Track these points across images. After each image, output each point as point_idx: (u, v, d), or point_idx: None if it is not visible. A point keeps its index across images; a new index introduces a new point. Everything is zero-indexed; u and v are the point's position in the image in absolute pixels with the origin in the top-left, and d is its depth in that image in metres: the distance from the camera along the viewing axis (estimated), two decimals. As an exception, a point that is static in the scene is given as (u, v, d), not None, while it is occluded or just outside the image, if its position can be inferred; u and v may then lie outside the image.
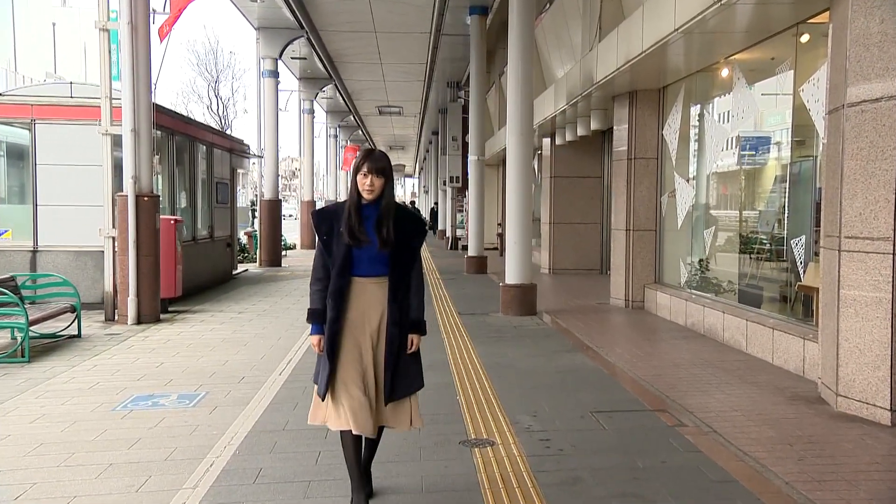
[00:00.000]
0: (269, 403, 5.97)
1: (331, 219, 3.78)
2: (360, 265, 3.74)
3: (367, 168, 3.73)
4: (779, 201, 8.25)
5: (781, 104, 8.21)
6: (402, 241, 3.77)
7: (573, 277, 16.22)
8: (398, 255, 3.76)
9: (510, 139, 10.95)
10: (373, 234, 3.72)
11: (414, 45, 21.87)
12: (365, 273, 3.75)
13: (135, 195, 10.09)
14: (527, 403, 5.93)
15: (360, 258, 3.73)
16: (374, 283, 3.77)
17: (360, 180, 3.74)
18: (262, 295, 13.72)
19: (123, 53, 9.97)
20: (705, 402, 6.01)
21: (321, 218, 3.81)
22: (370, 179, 3.72)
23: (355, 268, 3.74)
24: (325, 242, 3.76)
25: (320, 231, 3.78)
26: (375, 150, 3.83)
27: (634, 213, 11.38)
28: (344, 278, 3.72)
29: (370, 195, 3.73)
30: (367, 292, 3.76)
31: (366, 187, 3.72)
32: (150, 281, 10.25)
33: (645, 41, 8.83)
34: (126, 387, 6.66)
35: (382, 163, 3.77)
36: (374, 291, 3.77)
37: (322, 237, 3.77)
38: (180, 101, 61.31)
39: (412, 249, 3.84)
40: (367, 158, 3.76)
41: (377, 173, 3.73)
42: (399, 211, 3.83)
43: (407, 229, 3.81)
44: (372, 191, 3.73)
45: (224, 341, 8.95)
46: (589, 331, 9.44)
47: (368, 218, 3.75)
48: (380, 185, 3.74)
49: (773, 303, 8.27)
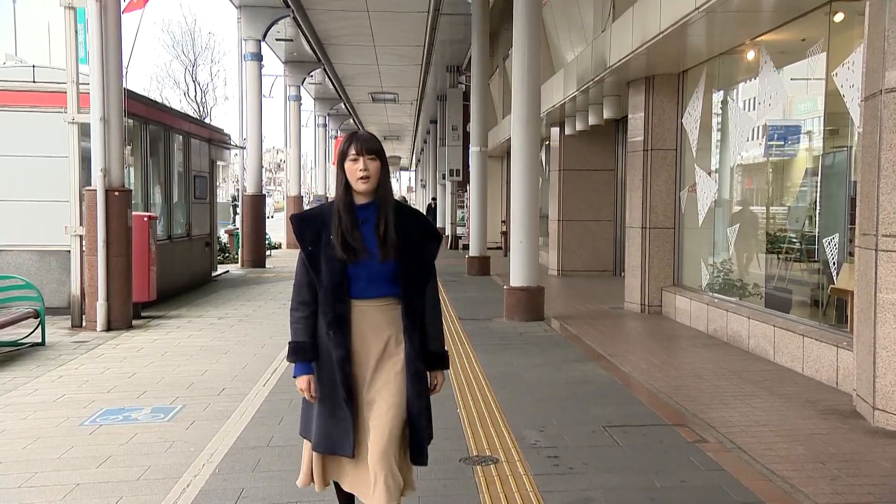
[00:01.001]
0: (251, 417, 5.95)
1: (316, 225, 3.27)
2: (357, 285, 3.23)
3: (356, 149, 3.24)
4: (809, 196, 8.24)
5: (813, 90, 8.20)
6: (411, 249, 3.26)
7: (584, 280, 16.21)
8: (407, 266, 3.25)
9: (515, 128, 10.94)
10: (372, 242, 3.22)
11: (410, 25, 21.85)
12: (364, 294, 3.24)
13: (104, 189, 10.07)
14: (533, 417, 5.91)
15: (356, 276, 3.22)
16: (377, 308, 3.27)
17: (349, 168, 3.24)
18: (244, 299, 13.71)
19: (91, 34, 9.95)
20: (729, 415, 5.99)
21: (304, 223, 3.30)
22: (362, 163, 3.22)
23: (352, 289, 3.24)
24: (309, 255, 3.24)
25: (303, 240, 3.26)
26: (361, 131, 3.39)
27: (651, 210, 11.38)
28: (344, 303, 3.22)
29: (366, 184, 3.21)
30: (368, 320, 3.26)
31: (359, 173, 3.21)
32: (121, 283, 10.24)
33: (663, 21, 8.82)
34: (94, 399, 6.64)
35: (375, 142, 3.30)
36: (376, 319, 3.28)
37: (306, 248, 3.25)
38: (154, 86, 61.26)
39: (424, 260, 3.33)
40: (354, 139, 3.29)
41: (370, 154, 3.24)
42: (401, 208, 3.36)
43: (413, 231, 3.30)
44: (368, 177, 3.21)
45: (202, 349, 8.93)
46: (601, 338, 9.44)
47: (366, 222, 3.25)
48: (376, 168, 3.24)
49: (803, 307, 8.26)
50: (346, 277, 3.21)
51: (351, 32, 23.21)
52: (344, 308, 3.23)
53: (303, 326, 3.28)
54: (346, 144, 3.29)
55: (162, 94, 44.33)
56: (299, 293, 3.30)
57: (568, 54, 15.67)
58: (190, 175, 15.45)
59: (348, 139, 3.31)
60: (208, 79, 60.36)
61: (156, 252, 11.62)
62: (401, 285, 3.25)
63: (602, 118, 13.99)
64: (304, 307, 3.28)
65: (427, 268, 3.35)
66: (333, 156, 43.15)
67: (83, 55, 10.50)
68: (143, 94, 14.41)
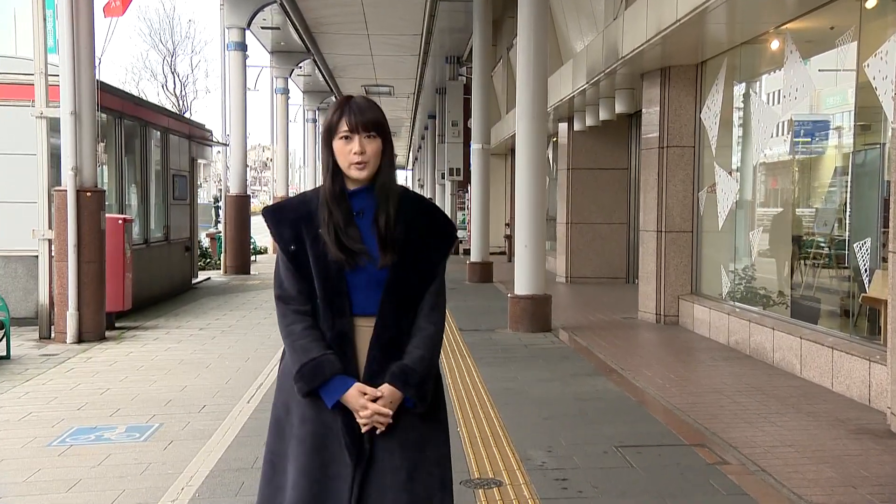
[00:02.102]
0: (234, 437, 5.94)
1: (297, 218, 2.76)
2: (355, 297, 2.71)
3: (349, 122, 2.68)
4: (839, 197, 8.23)
5: (842, 82, 8.19)
6: (411, 249, 2.73)
7: (594, 287, 16.20)
8: (400, 273, 2.71)
9: (520, 124, 10.93)
10: (371, 241, 2.70)
11: (407, 12, 21.86)
12: (364, 310, 2.71)
13: (76, 190, 10.05)
14: (540, 436, 5.90)
15: (354, 285, 2.70)
16: None
17: (340, 149, 2.70)
18: (227, 308, 13.70)
19: (61, 21, 9.94)
20: (752, 435, 5.98)
21: (279, 216, 2.79)
22: (357, 142, 2.67)
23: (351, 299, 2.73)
24: (293, 256, 2.72)
25: (282, 238, 2.75)
26: (356, 96, 2.78)
27: (667, 212, 11.36)
28: (346, 318, 2.69)
29: (362, 171, 2.68)
30: (365, 341, 2.73)
31: (353, 157, 2.67)
32: (93, 291, 10.22)
33: (680, 7, 8.81)
34: (64, 418, 6.61)
35: (375, 112, 2.72)
36: None
37: (287, 247, 2.73)
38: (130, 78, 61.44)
39: (430, 266, 2.79)
40: (347, 108, 2.71)
41: (368, 129, 2.68)
42: (409, 198, 2.82)
43: (419, 226, 2.77)
44: (364, 163, 2.67)
45: (182, 363, 8.92)
46: (613, 350, 9.42)
47: (361, 214, 2.74)
48: (376, 150, 2.70)
49: (832, 318, 8.24)
50: (344, 284, 2.69)
51: (343, 20, 23.22)
52: (346, 324, 2.69)
53: (312, 338, 2.69)
54: (336, 115, 2.72)
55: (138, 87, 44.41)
56: (289, 303, 2.74)
57: (577, 44, 15.67)
58: (168, 174, 15.44)
59: (338, 107, 2.74)
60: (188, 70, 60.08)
61: (131, 257, 11.60)
62: (383, 296, 2.70)
63: (614, 113, 13.98)
64: (303, 317, 2.72)
65: (428, 277, 2.78)
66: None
67: (52, 44, 10.48)
68: (118, 86, 14.42)
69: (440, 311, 2.83)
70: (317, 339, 2.69)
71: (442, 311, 2.85)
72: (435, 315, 2.80)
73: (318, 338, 2.69)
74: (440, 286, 2.84)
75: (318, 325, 2.71)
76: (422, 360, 2.70)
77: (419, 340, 2.73)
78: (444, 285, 2.87)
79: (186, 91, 45.14)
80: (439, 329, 2.82)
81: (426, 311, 2.78)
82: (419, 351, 2.71)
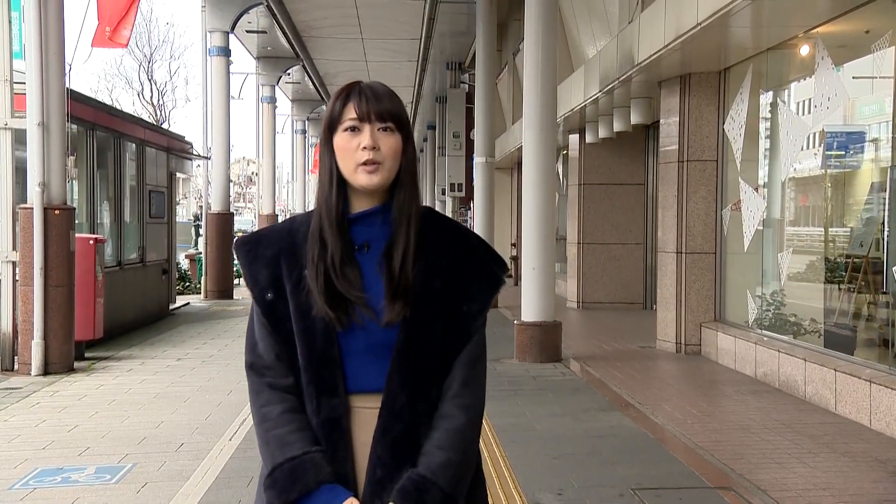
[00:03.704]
0: (215, 478, 5.91)
1: (276, 253, 2.24)
2: (350, 366, 2.17)
3: (358, 109, 2.16)
4: (876, 216, 8.22)
5: (879, 90, 8.21)
6: (435, 297, 2.18)
7: (609, 313, 16.18)
8: (418, 332, 2.15)
9: (528, 136, 10.95)
10: (376, 287, 2.16)
11: (404, 15, 21.98)
12: (362, 385, 2.17)
13: (43, 207, 10.04)
14: (549, 477, 5.88)
15: (349, 349, 2.16)
16: None
17: (343, 144, 2.17)
18: (207, 336, 13.67)
19: (28, 24, 9.96)
20: (782, 477, 5.95)
21: (255, 253, 2.26)
22: (368, 134, 2.14)
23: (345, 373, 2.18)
24: (268, 308, 2.21)
25: (256, 282, 2.23)
26: (366, 82, 2.25)
27: (687, 231, 11.36)
28: (338, 398, 2.15)
29: (374, 176, 2.15)
30: (369, 433, 2.17)
31: (362, 155, 2.14)
32: (61, 319, 10.19)
33: (701, 10, 8.84)
34: (28, 458, 6.57)
35: (392, 101, 2.20)
36: None
37: (263, 296, 2.22)
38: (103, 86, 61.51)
39: (461, 322, 2.20)
40: (355, 92, 2.19)
41: (383, 119, 2.16)
42: (435, 222, 2.28)
43: (449, 266, 2.22)
44: (377, 164, 2.15)
45: (158, 397, 8.88)
46: (629, 383, 9.40)
47: (366, 248, 2.21)
48: (393, 147, 2.17)
49: (869, 348, 8.21)
50: (335, 349, 2.15)
51: (335, 23, 23.33)
52: (337, 407, 2.15)
53: (293, 427, 2.16)
54: (341, 101, 2.20)
55: (112, 96, 44.64)
56: (264, 374, 2.21)
57: (589, 49, 15.72)
58: (145, 190, 15.44)
59: (344, 92, 2.22)
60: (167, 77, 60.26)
61: (103, 281, 11.58)
62: (391, 369, 2.15)
63: (629, 124, 14.01)
64: (282, 397, 2.19)
65: (459, 338, 2.20)
66: (313, 166, 42.85)
67: (18, 49, 10.52)
68: (90, 95, 14.45)
69: (476, 390, 2.22)
70: (299, 428, 2.15)
71: (479, 390, 2.23)
72: (468, 395, 2.19)
73: (301, 426, 2.15)
74: (477, 351, 2.23)
75: (302, 409, 2.18)
76: (446, 467, 2.11)
77: (443, 436, 2.13)
78: (483, 350, 2.26)
79: (164, 100, 45.38)
80: (473, 418, 2.20)
81: (455, 390, 2.18)
82: (443, 454, 2.11)
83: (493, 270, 2.27)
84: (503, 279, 2.30)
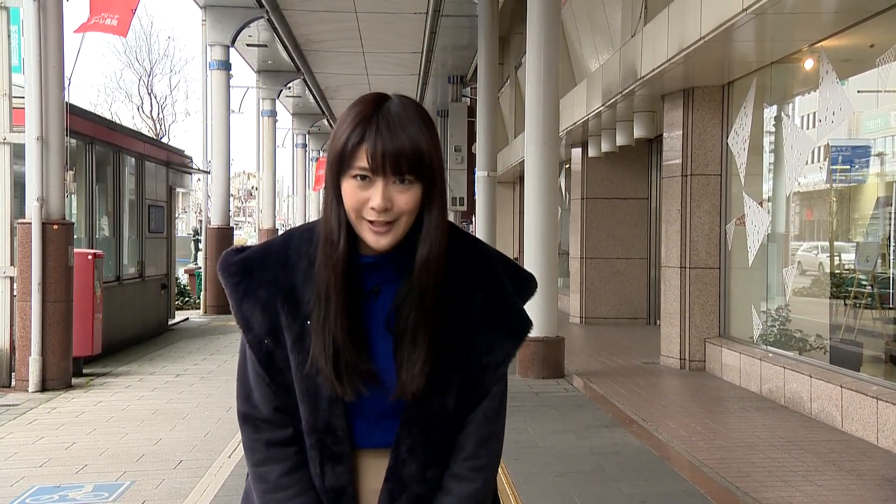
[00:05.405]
0: (214, 495, 5.90)
1: (273, 294, 1.96)
2: (358, 427, 1.98)
3: (370, 155, 1.81)
4: (882, 230, 8.22)
5: (884, 104, 8.22)
6: (454, 347, 1.94)
7: (612, 329, 16.17)
8: (432, 399, 1.94)
9: (530, 150, 10.96)
10: (386, 339, 1.94)
11: (406, 28, 22.04)
12: (369, 442, 1.99)
13: (41, 222, 10.04)
14: (552, 496, 5.86)
15: (357, 414, 1.97)
16: None
17: (350, 192, 1.86)
18: (206, 351, 13.66)
19: (28, 38, 9.99)
20: (789, 495, 5.93)
21: (246, 285, 1.98)
22: (380, 194, 1.83)
23: (354, 430, 1.98)
24: (265, 358, 1.98)
25: (248, 326, 1.98)
26: (391, 97, 1.90)
27: (691, 246, 11.35)
28: (342, 465, 1.97)
29: (381, 237, 1.86)
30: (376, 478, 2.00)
31: (370, 214, 1.85)
32: (59, 334, 10.18)
33: (705, 24, 8.85)
34: (25, 475, 6.56)
35: (413, 135, 1.84)
36: None
37: (259, 342, 1.98)
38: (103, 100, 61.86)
39: (481, 372, 1.97)
40: (372, 129, 1.83)
41: (399, 170, 1.83)
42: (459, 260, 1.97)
43: (475, 312, 1.96)
44: (388, 225, 1.85)
45: (156, 413, 8.87)
46: (633, 399, 9.39)
47: (377, 292, 1.95)
48: (408, 204, 1.85)
49: (876, 364, 8.19)
50: (342, 418, 1.95)
51: (336, 37, 23.40)
52: (344, 475, 1.97)
53: (295, 491, 1.99)
54: (355, 138, 1.83)
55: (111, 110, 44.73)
56: (261, 429, 2.02)
57: (592, 63, 15.75)
58: (144, 204, 15.46)
59: (358, 124, 1.84)
60: (167, 91, 60.64)
61: (101, 296, 11.58)
62: (401, 430, 1.95)
63: (632, 138, 14.03)
64: (282, 453, 2.00)
65: (477, 392, 1.99)
66: (315, 182, 42.80)
67: (17, 63, 10.54)
68: (90, 109, 14.47)
69: (493, 448, 2.02)
70: (300, 492, 1.97)
71: (496, 447, 2.03)
72: (484, 456, 1.99)
73: (301, 489, 1.98)
74: (496, 405, 2.02)
75: (304, 464, 1.99)
76: None
77: (456, 503, 1.96)
78: (504, 402, 2.04)
79: (164, 114, 45.36)
80: (489, 479, 2.02)
81: (470, 451, 1.98)
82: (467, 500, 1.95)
83: (520, 313, 2.00)
84: (530, 323, 2.01)
